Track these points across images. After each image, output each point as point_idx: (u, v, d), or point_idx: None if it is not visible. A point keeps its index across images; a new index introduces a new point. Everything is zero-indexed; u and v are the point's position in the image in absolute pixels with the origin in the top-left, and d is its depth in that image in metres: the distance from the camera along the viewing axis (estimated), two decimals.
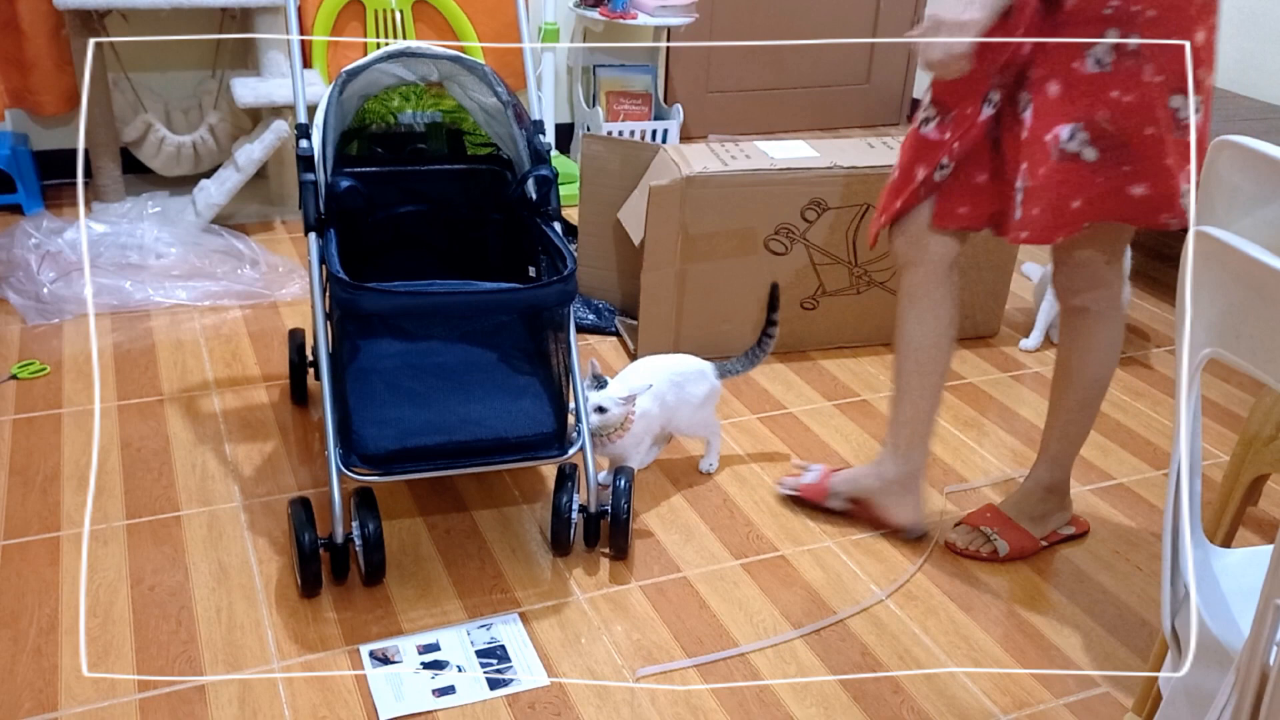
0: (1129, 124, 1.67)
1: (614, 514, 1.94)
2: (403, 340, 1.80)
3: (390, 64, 2.05)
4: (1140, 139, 1.68)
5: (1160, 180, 1.70)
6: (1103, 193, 1.72)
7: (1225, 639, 1.17)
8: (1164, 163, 1.69)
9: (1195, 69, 1.65)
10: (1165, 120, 1.67)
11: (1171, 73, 1.65)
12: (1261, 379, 1.06)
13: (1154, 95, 1.65)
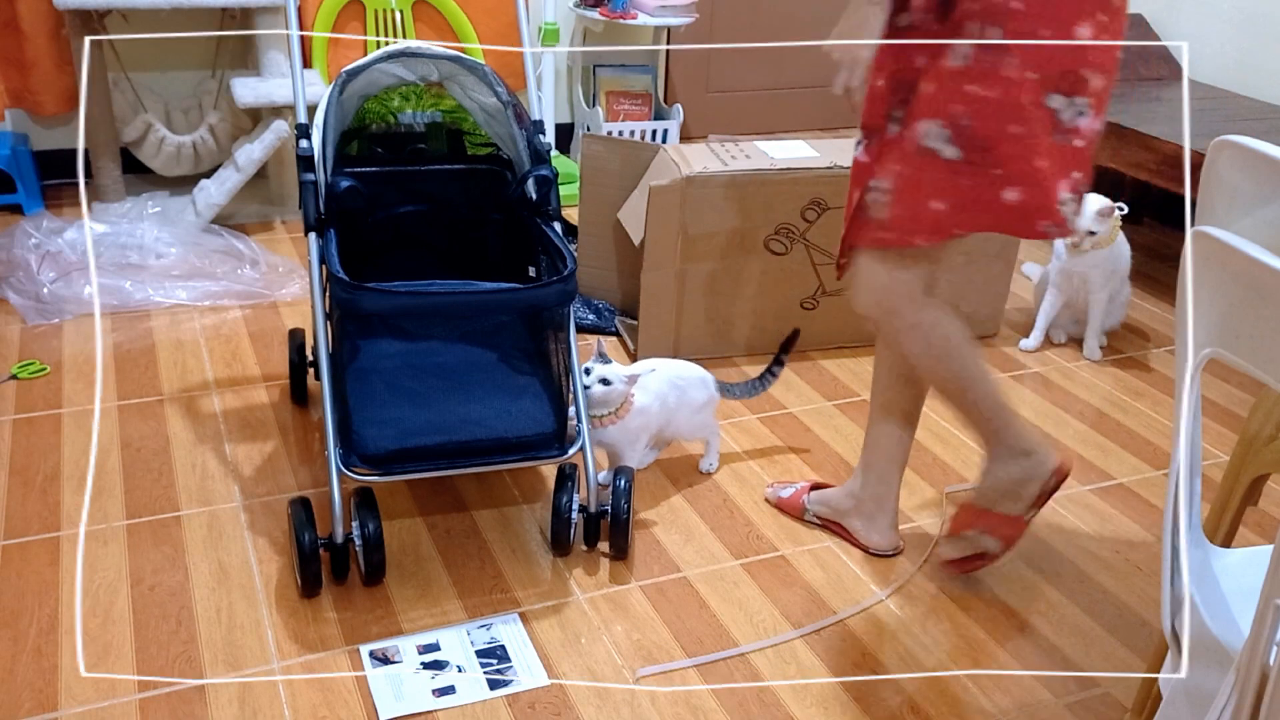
0: (991, 122, 1.57)
1: (614, 514, 1.94)
2: (403, 340, 1.80)
3: (390, 64, 2.05)
4: (1005, 138, 1.58)
5: (1033, 184, 1.60)
6: (970, 198, 1.63)
7: (1225, 639, 1.17)
8: (1034, 164, 1.59)
9: (1078, 68, 1.55)
10: (1040, 120, 1.57)
11: (1050, 71, 1.55)
12: (1261, 379, 1.06)
13: (1020, 92, 1.55)
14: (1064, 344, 2.92)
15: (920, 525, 2.14)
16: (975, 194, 1.61)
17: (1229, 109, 3.34)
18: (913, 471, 2.31)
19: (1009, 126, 1.56)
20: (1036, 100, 1.55)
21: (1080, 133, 1.57)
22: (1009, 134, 1.57)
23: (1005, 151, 1.58)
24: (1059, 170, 1.59)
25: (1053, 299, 2.83)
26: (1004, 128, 1.57)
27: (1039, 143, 1.57)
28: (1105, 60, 1.57)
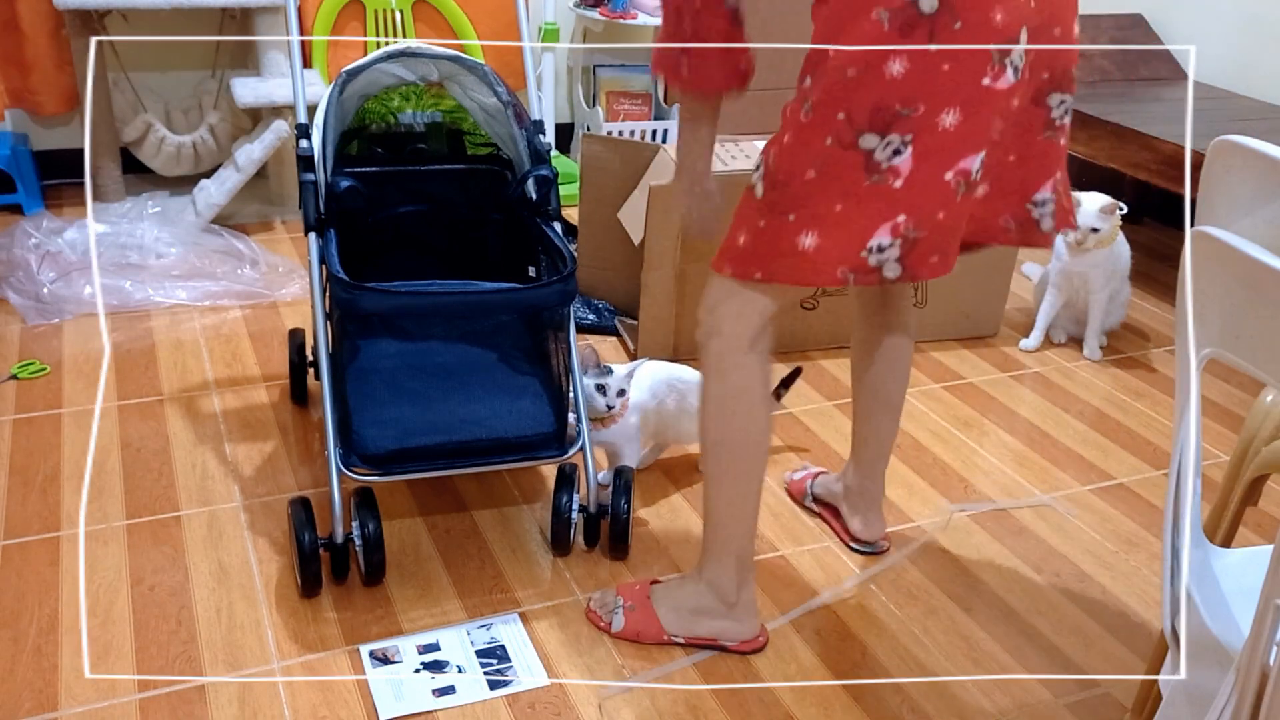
0: (789, 165, 1.48)
1: (614, 514, 1.94)
2: (403, 340, 1.80)
3: (390, 64, 2.05)
4: (800, 182, 1.48)
5: (829, 229, 1.48)
6: (767, 240, 1.53)
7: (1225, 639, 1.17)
8: (831, 209, 1.47)
9: (891, 104, 1.40)
10: (847, 163, 1.44)
11: (859, 109, 1.41)
12: (1261, 379, 1.06)
13: (820, 135, 1.45)
14: (1064, 344, 2.92)
15: (919, 525, 2.14)
16: (770, 237, 1.51)
17: (1229, 109, 3.34)
18: (912, 471, 2.31)
19: (806, 171, 1.46)
20: (846, 141, 1.42)
21: (898, 172, 1.42)
22: (804, 178, 1.47)
23: (797, 196, 1.48)
24: (871, 214, 1.46)
25: (1053, 299, 2.83)
26: (801, 171, 1.47)
27: (839, 186, 1.45)
28: (926, 89, 1.38)
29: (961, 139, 1.42)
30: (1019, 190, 1.58)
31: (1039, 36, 1.44)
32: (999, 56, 1.40)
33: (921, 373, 2.73)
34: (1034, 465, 2.37)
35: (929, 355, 2.82)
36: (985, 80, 1.40)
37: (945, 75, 1.38)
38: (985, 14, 1.37)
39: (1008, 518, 2.19)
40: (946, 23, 1.36)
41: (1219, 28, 3.59)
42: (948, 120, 1.40)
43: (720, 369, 1.64)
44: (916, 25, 1.36)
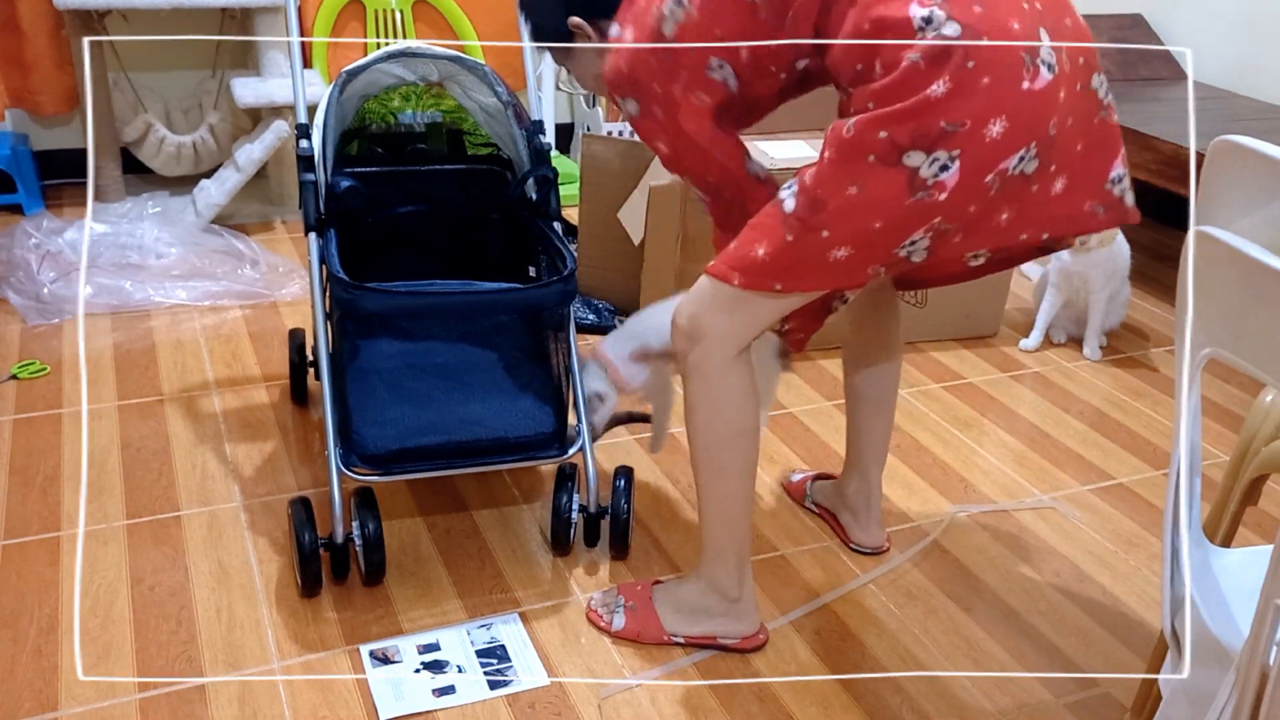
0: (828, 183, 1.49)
1: (614, 514, 1.94)
2: (403, 340, 1.80)
3: (390, 64, 2.05)
4: (839, 199, 1.49)
5: (864, 245, 1.51)
6: (794, 255, 1.54)
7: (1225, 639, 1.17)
8: (869, 226, 1.49)
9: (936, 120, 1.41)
10: (890, 181, 1.45)
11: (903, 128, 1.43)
12: (1261, 379, 1.06)
13: (863, 154, 1.46)
14: (1064, 344, 2.92)
15: (919, 525, 2.14)
16: (796, 251, 1.52)
17: (1229, 109, 3.34)
18: (912, 472, 2.31)
19: (847, 188, 1.46)
20: (890, 159, 1.43)
21: (943, 186, 1.44)
22: (844, 195, 1.47)
23: (835, 213, 1.48)
24: (910, 225, 1.48)
25: (1052, 299, 2.83)
26: (841, 188, 1.47)
27: (881, 205, 1.47)
28: (971, 104, 1.41)
29: (1006, 144, 1.44)
30: (1096, 175, 1.58)
31: (1058, 33, 1.46)
32: (1030, 58, 1.42)
33: (921, 373, 2.73)
34: (1034, 465, 2.37)
35: (929, 355, 2.82)
36: (1025, 84, 1.42)
37: (986, 88, 1.40)
38: (1004, 25, 1.41)
39: (1008, 518, 2.19)
40: (973, 39, 1.39)
41: (1219, 28, 3.58)
42: (995, 130, 1.42)
43: (704, 374, 1.63)
44: (950, 52, 1.39)
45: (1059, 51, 1.46)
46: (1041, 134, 1.46)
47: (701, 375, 1.63)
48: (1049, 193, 1.53)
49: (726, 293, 1.60)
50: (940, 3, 1.41)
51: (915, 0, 1.41)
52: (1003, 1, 1.43)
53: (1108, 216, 1.60)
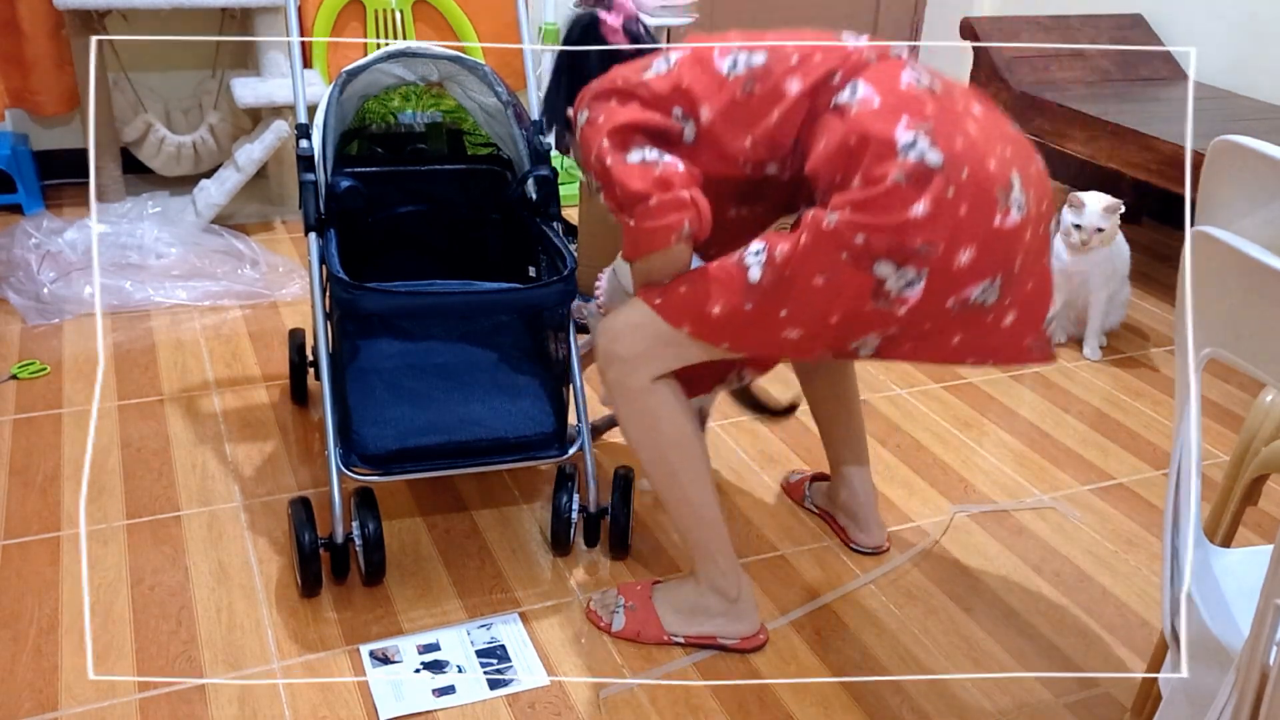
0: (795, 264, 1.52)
1: (614, 514, 1.94)
2: (403, 340, 1.80)
3: (390, 64, 2.05)
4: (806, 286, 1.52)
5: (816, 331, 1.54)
6: (748, 323, 1.58)
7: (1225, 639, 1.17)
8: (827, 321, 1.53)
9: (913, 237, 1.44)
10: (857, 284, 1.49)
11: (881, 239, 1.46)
12: (1261, 379, 1.06)
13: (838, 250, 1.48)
14: (1064, 344, 2.92)
15: (919, 525, 2.14)
16: (753, 322, 1.54)
17: (1229, 109, 3.34)
18: (912, 472, 2.31)
19: (815, 277, 1.49)
20: (862, 263, 1.46)
21: (906, 301, 1.48)
22: (810, 283, 1.49)
23: (798, 297, 1.50)
24: (865, 328, 1.52)
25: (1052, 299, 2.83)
26: (809, 275, 1.49)
27: (841, 301, 1.49)
28: (947, 229, 1.45)
29: (972, 273, 1.49)
30: (1037, 314, 1.63)
31: (1027, 177, 1.53)
32: (1004, 197, 1.48)
33: (921, 373, 2.73)
34: (1034, 465, 2.37)
35: None
36: (996, 220, 1.48)
37: (962, 217, 1.46)
38: (983, 162, 1.48)
39: (1008, 518, 2.19)
40: (955, 173, 1.45)
41: (1219, 28, 3.59)
42: (964, 258, 1.47)
43: (629, 394, 1.66)
44: (931, 177, 1.44)
45: (1028, 194, 1.52)
46: (1007, 269, 1.52)
47: (626, 397, 1.67)
48: (1000, 324, 1.58)
49: (667, 332, 1.61)
50: (926, 130, 1.46)
51: (902, 123, 1.46)
52: (979, 142, 1.49)
53: (1038, 353, 1.66)
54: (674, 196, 1.53)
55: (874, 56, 1.57)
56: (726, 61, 1.60)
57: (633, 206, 1.54)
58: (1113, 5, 3.86)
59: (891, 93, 1.51)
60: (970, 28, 3.62)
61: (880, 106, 1.49)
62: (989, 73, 3.59)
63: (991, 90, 3.58)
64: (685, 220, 1.53)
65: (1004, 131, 1.56)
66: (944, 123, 1.48)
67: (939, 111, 1.49)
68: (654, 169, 1.54)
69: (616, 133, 1.56)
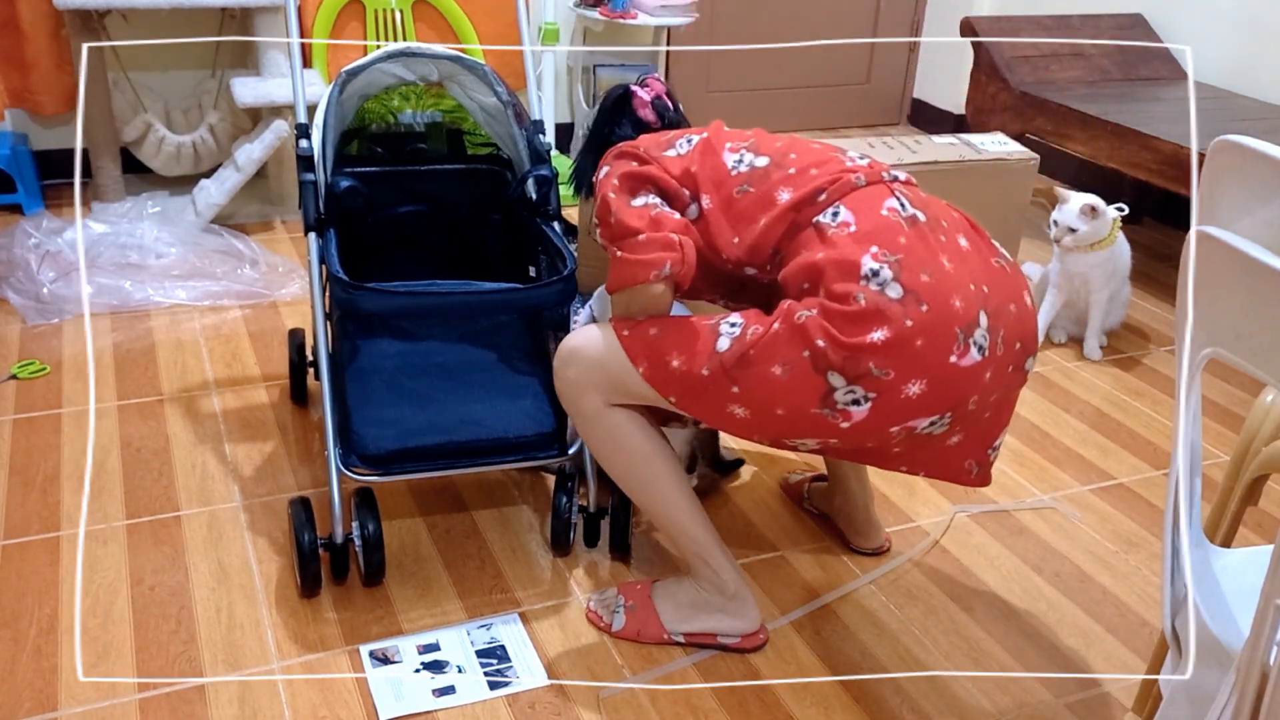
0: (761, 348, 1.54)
1: (614, 514, 1.94)
2: (402, 340, 1.80)
3: (390, 64, 2.05)
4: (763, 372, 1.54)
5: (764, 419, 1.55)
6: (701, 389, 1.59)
7: (1225, 639, 1.17)
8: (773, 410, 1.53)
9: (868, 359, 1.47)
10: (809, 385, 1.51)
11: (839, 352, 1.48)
12: (1261, 379, 1.06)
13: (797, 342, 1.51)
14: (1064, 344, 2.92)
15: (919, 525, 2.14)
16: (705, 389, 1.55)
17: (1229, 109, 3.34)
18: None
19: (773, 366, 1.50)
20: (818, 366, 1.48)
21: (850, 417, 1.50)
22: (769, 370, 1.51)
23: (753, 380, 1.52)
24: (807, 431, 1.54)
25: (1053, 299, 2.83)
26: (770, 362, 1.51)
27: (791, 399, 1.51)
28: (900, 359, 1.47)
29: (920, 406, 1.51)
30: (984, 439, 1.67)
31: (999, 316, 1.55)
32: (963, 336, 1.50)
33: None
34: (1034, 465, 2.37)
35: None
36: (952, 358, 1.50)
37: (918, 349, 1.47)
38: (946, 299, 1.49)
39: (1008, 518, 2.19)
40: (914, 308, 1.48)
41: (1219, 28, 3.59)
42: (912, 390, 1.49)
43: (580, 417, 1.69)
44: (890, 309, 1.47)
45: (995, 335, 1.54)
46: (959, 407, 1.54)
47: (581, 418, 1.69)
48: (943, 445, 1.62)
49: (622, 365, 1.62)
50: (893, 263, 1.49)
51: (870, 252, 1.50)
52: (950, 278, 1.51)
53: (977, 476, 1.69)
54: (663, 236, 1.57)
55: (864, 180, 1.60)
56: (734, 157, 1.65)
57: (623, 239, 1.58)
58: (1113, 5, 3.86)
59: (869, 220, 1.54)
60: (970, 27, 3.62)
61: (855, 233, 1.53)
62: (989, 72, 3.59)
63: (992, 90, 3.58)
64: (668, 261, 1.56)
65: (985, 267, 1.57)
66: (914, 256, 1.51)
67: (912, 244, 1.52)
68: (652, 210, 1.60)
69: (628, 178, 1.62)
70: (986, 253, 1.61)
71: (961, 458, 1.66)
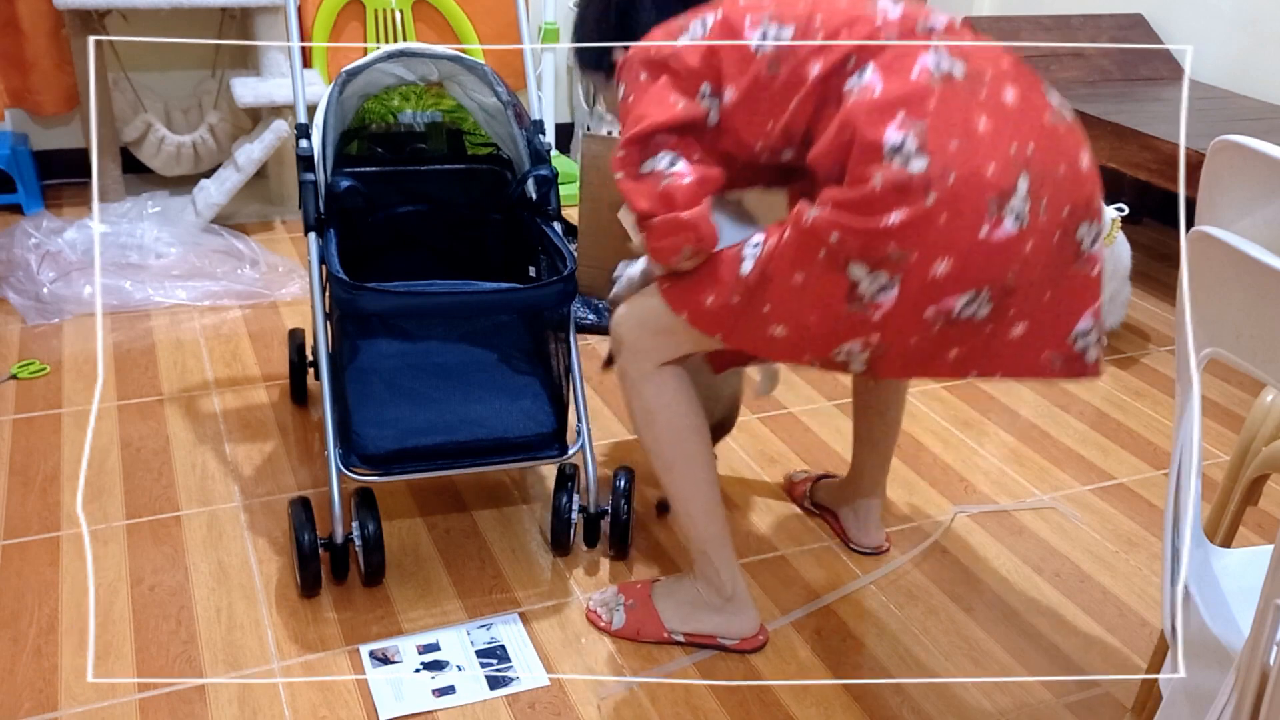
0: (778, 261, 1.48)
1: (614, 514, 1.94)
2: (402, 340, 1.80)
3: (390, 64, 2.05)
4: (785, 283, 1.48)
5: (800, 331, 1.49)
6: (738, 317, 1.55)
7: (1225, 639, 1.17)
8: (805, 319, 1.48)
9: (886, 242, 1.39)
10: (832, 283, 1.44)
11: (855, 240, 1.40)
12: (1261, 379, 1.06)
13: (816, 246, 1.44)
14: None
15: (919, 525, 2.14)
16: (741, 315, 1.52)
17: (1229, 109, 3.34)
18: (912, 471, 2.31)
19: (795, 273, 1.45)
20: (837, 262, 1.42)
21: (880, 307, 1.43)
22: (791, 279, 1.46)
23: (779, 294, 1.47)
24: (844, 332, 1.47)
25: None
26: (790, 272, 1.45)
27: (819, 301, 1.45)
28: (923, 238, 1.38)
29: (949, 285, 1.42)
30: (1060, 326, 1.54)
31: (1044, 180, 1.42)
32: (996, 206, 1.39)
33: None
34: (1034, 465, 2.37)
35: None
36: (982, 232, 1.39)
37: (941, 227, 1.38)
38: (977, 167, 1.38)
39: (1008, 518, 2.19)
40: (940, 180, 1.37)
41: (1219, 28, 3.59)
42: (939, 269, 1.40)
43: (632, 380, 1.67)
44: (910, 185, 1.37)
45: (1037, 201, 1.42)
46: (997, 283, 1.43)
47: (628, 383, 1.68)
48: (1005, 337, 1.50)
49: (669, 319, 1.60)
50: (918, 131, 1.38)
51: (895, 121, 1.38)
52: (985, 142, 1.39)
53: (1063, 368, 1.56)
54: (673, 219, 1.49)
55: (897, 35, 1.47)
56: (756, 34, 1.52)
57: (642, 222, 1.54)
58: (1113, 5, 3.86)
59: (897, 83, 1.41)
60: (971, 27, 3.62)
61: (879, 98, 1.41)
62: None
63: None
64: (683, 245, 1.52)
65: (1033, 124, 1.43)
66: (943, 119, 1.39)
67: (943, 106, 1.40)
68: (659, 183, 1.50)
69: (634, 142, 1.52)
70: (1038, 107, 1.45)
71: (1036, 350, 1.53)
